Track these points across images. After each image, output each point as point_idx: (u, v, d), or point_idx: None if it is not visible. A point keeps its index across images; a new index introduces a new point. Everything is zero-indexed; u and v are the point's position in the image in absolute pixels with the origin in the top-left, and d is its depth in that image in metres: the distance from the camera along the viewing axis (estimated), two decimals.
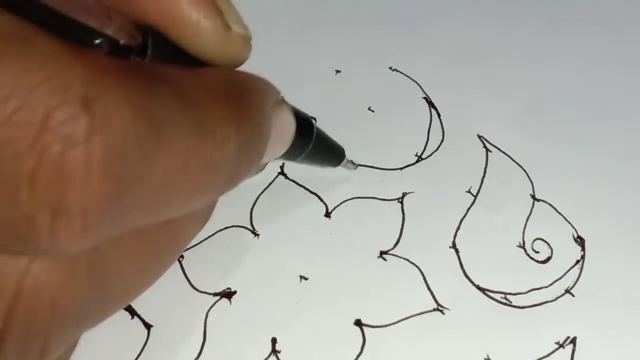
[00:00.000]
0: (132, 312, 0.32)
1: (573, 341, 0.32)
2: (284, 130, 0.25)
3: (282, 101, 0.24)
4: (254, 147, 0.19)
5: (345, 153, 0.36)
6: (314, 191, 0.37)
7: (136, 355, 0.31)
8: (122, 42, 0.15)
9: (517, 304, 0.33)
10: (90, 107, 0.13)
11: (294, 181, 0.37)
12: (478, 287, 0.34)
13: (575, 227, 0.36)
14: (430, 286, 0.34)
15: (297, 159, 0.30)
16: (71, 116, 0.12)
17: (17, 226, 0.13)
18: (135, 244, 0.17)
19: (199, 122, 0.15)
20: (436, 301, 0.33)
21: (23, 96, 0.12)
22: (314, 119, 0.30)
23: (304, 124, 0.28)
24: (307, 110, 0.40)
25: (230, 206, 0.36)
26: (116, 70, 0.13)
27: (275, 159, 0.27)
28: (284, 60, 0.42)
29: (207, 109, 0.16)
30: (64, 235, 0.13)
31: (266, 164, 0.29)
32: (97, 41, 0.14)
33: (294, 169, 0.38)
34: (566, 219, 0.36)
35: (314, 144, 0.29)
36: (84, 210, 0.13)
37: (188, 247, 0.34)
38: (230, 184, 0.18)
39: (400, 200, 0.37)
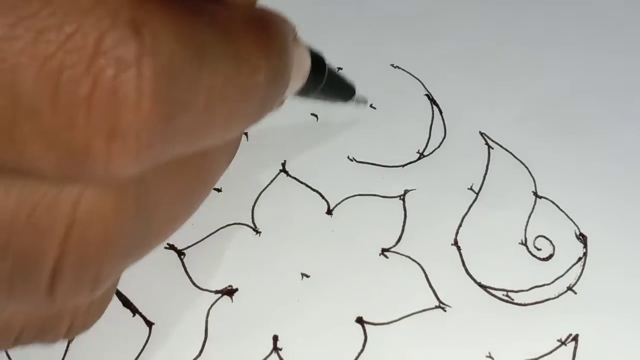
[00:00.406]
0: (134, 310, 0.32)
1: (575, 338, 0.32)
2: (301, 64, 0.26)
3: (298, 37, 0.24)
4: (281, 77, 0.19)
5: (355, 95, 0.36)
6: (316, 188, 0.37)
7: (138, 352, 0.31)
8: None
9: (519, 302, 0.33)
10: (139, 30, 0.13)
11: (295, 178, 0.37)
12: (480, 285, 0.34)
13: (578, 225, 0.36)
14: (432, 283, 0.34)
15: (311, 94, 0.30)
16: (121, 39, 0.13)
17: (75, 149, 0.13)
18: (175, 175, 0.17)
19: (234, 51, 0.16)
20: (438, 298, 0.33)
21: (75, 22, 0.12)
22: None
23: (317, 60, 0.29)
24: (310, 107, 0.40)
25: (232, 204, 0.36)
26: None
27: (293, 94, 0.28)
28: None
29: (240, 39, 0.16)
30: (119, 158, 0.14)
31: (286, 99, 0.29)
32: None
33: (296, 166, 0.38)
34: (568, 216, 0.36)
35: (326, 79, 0.30)
36: (138, 132, 0.13)
37: (189, 244, 0.34)
38: (259, 113, 0.19)
39: (402, 197, 0.37)
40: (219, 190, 0.36)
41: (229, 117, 0.17)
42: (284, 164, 0.38)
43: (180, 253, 0.34)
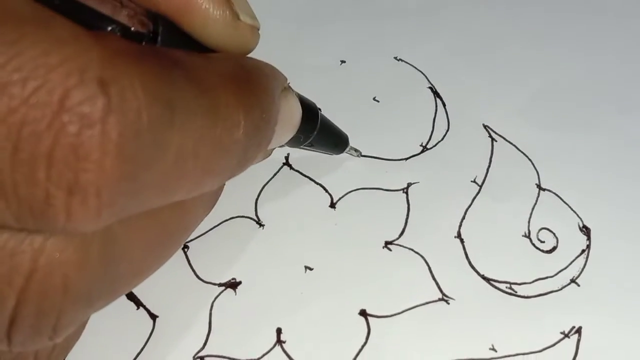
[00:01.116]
0: (138, 303, 0.32)
1: (578, 331, 0.32)
2: (291, 116, 0.25)
3: (289, 88, 0.24)
4: (262, 132, 0.19)
5: (349, 140, 0.36)
6: (319, 182, 0.37)
7: (142, 345, 0.31)
8: (133, 29, 0.15)
9: (522, 294, 0.33)
10: (107, 88, 0.13)
11: (299, 172, 0.37)
12: (483, 277, 0.34)
13: (581, 217, 0.36)
14: (435, 276, 0.34)
15: (302, 145, 0.30)
16: (88, 97, 0.13)
17: (35, 204, 0.13)
18: (145, 226, 0.17)
19: (210, 106, 0.16)
20: (441, 291, 0.33)
21: (41, 77, 0.12)
22: (319, 108, 0.31)
23: (309, 111, 0.28)
24: (313, 100, 0.40)
25: (235, 197, 0.36)
26: (131, 53, 0.14)
27: (282, 145, 0.28)
28: (290, 51, 0.42)
29: (217, 94, 0.16)
30: (79, 214, 0.14)
31: (273, 149, 0.29)
32: (109, 28, 0.14)
33: (299, 159, 0.38)
34: (572, 209, 0.36)
35: (318, 131, 0.30)
36: (99, 189, 0.13)
37: (193, 237, 0.35)
38: (238, 168, 0.19)
39: (405, 190, 0.37)
40: None
41: (203, 171, 0.17)
42: (287, 158, 0.38)
43: (184, 246, 0.34)
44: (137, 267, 0.18)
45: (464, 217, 0.36)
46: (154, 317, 0.32)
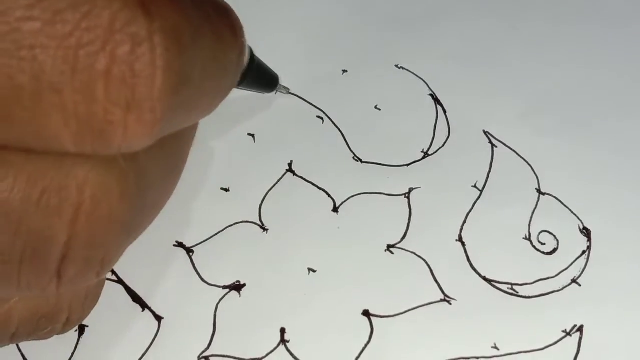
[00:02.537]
0: (143, 305, 0.33)
1: (580, 329, 0.32)
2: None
3: None
4: (243, 54, 0.20)
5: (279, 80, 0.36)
6: (322, 187, 0.37)
7: (147, 346, 0.32)
8: None
9: (523, 294, 0.34)
10: (148, 9, 0.14)
11: (302, 177, 0.38)
12: (484, 278, 0.34)
13: (581, 219, 0.36)
14: (437, 278, 0.34)
15: (243, 83, 0.31)
16: (133, 18, 0.14)
17: (95, 122, 0.14)
18: (159, 155, 0.18)
19: (216, 33, 0.17)
20: (443, 292, 0.34)
21: (89, 3, 0.13)
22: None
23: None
24: (316, 110, 0.40)
25: (240, 202, 0.36)
26: None
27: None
28: (292, 61, 0.43)
29: (217, 20, 0.17)
30: (136, 129, 0.14)
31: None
32: None
33: (302, 166, 0.38)
34: (572, 212, 0.36)
35: (255, 67, 0.31)
36: (153, 103, 0.14)
37: (198, 242, 0.35)
38: (229, 89, 0.20)
39: (406, 195, 0.37)
40: (227, 190, 0.37)
41: (214, 90, 0.18)
42: (290, 164, 0.38)
43: (189, 250, 0.35)
44: (157, 197, 0.19)
45: (465, 221, 0.36)
46: (159, 318, 0.33)
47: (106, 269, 0.17)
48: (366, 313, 0.33)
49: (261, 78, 0.34)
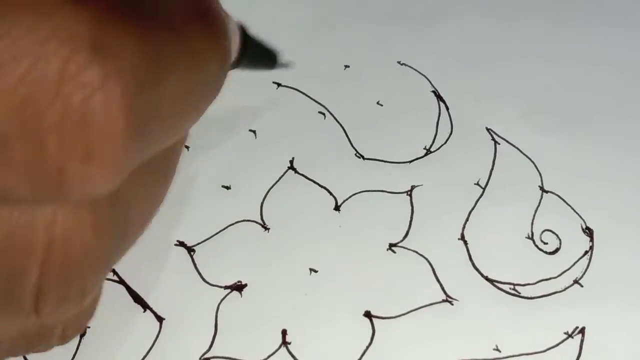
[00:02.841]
0: (145, 306, 0.33)
1: (582, 331, 0.32)
2: (233, 37, 0.26)
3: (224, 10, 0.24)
4: (226, 60, 0.19)
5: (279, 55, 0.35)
6: (323, 185, 0.37)
7: (148, 347, 0.32)
8: None
9: (525, 295, 0.33)
10: (101, 52, 0.13)
11: (303, 175, 0.38)
12: (487, 278, 0.34)
13: (584, 218, 0.36)
14: (439, 278, 0.34)
15: (241, 65, 0.30)
16: (85, 64, 0.13)
17: (49, 175, 0.13)
18: (142, 173, 0.17)
19: (187, 49, 0.16)
20: (445, 292, 0.33)
21: (34, 52, 0.12)
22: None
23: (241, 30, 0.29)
24: (317, 105, 0.40)
25: (241, 201, 0.36)
26: (116, 12, 0.14)
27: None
28: (294, 57, 0.42)
29: (190, 35, 0.17)
30: (96, 179, 0.14)
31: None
32: None
33: (304, 163, 0.38)
34: (575, 210, 0.36)
35: (252, 47, 0.30)
36: (113, 152, 0.14)
37: (199, 241, 0.35)
38: (214, 95, 0.19)
39: (409, 193, 0.37)
40: (228, 188, 0.37)
41: (194, 109, 0.17)
42: (291, 162, 0.38)
43: (190, 250, 0.35)
44: (140, 217, 0.19)
45: (467, 220, 0.36)
46: (160, 319, 0.32)
47: (87, 297, 0.17)
48: (368, 314, 0.33)
49: (259, 58, 0.34)
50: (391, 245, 0.35)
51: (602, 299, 0.33)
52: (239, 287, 0.33)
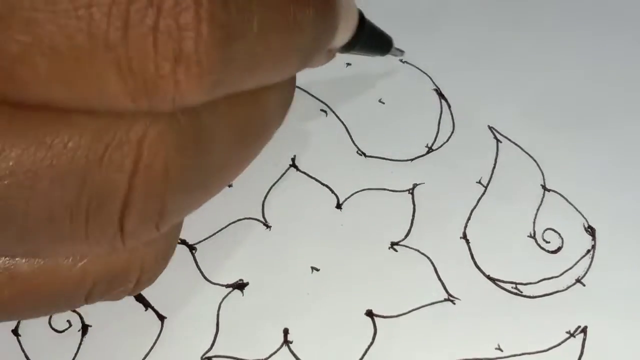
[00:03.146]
0: (146, 304, 0.33)
1: (584, 330, 0.32)
2: (350, 16, 0.27)
3: None
4: (328, 19, 0.20)
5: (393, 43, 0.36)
6: (325, 183, 0.37)
7: (150, 346, 0.32)
8: None
9: (527, 294, 0.33)
10: None
11: (305, 173, 0.38)
12: (489, 277, 0.34)
13: (586, 217, 0.36)
14: (441, 276, 0.34)
15: (355, 48, 0.30)
16: None
17: (148, 77, 0.14)
18: (228, 115, 0.18)
19: None
20: (447, 291, 0.33)
21: None
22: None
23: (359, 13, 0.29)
24: (319, 103, 0.40)
25: (242, 199, 0.36)
26: None
27: (339, 48, 0.28)
28: None
29: None
30: (185, 81, 0.15)
31: (336, 51, 0.30)
32: None
33: (306, 161, 0.38)
34: (577, 209, 0.36)
35: (368, 32, 0.30)
36: (199, 56, 0.14)
37: (200, 239, 0.35)
38: (310, 51, 0.19)
39: (410, 191, 0.37)
40: (229, 185, 0.37)
41: (282, 48, 0.17)
42: (293, 159, 0.38)
43: (192, 248, 0.35)
44: (225, 158, 0.19)
45: (469, 218, 0.36)
46: (162, 318, 0.33)
47: (165, 222, 0.18)
48: (369, 313, 0.33)
49: (374, 42, 0.34)
50: (393, 244, 0.35)
51: (604, 298, 0.33)
52: (240, 286, 0.33)
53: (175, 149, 0.16)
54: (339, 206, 0.36)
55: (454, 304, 0.33)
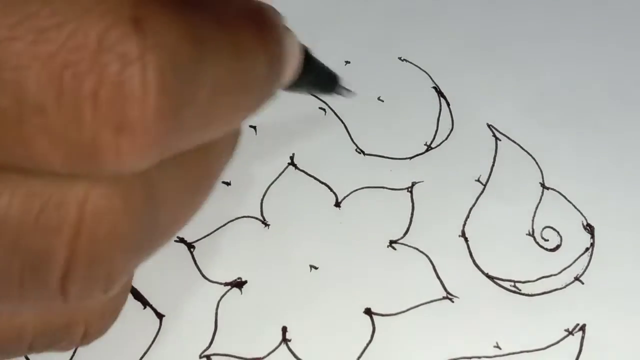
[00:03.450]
0: (145, 302, 0.33)
1: (582, 328, 0.32)
2: (293, 55, 0.26)
3: (287, 28, 0.25)
4: (277, 68, 0.19)
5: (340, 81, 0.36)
6: (324, 181, 0.37)
7: (148, 344, 0.32)
8: None
9: (526, 292, 0.33)
10: (141, 26, 0.13)
11: (304, 171, 0.37)
12: (487, 276, 0.34)
13: (585, 215, 0.36)
14: (440, 275, 0.34)
15: (300, 86, 0.30)
16: (124, 36, 0.13)
17: (83, 145, 0.14)
18: (178, 171, 0.18)
19: (234, 42, 0.16)
20: (445, 289, 0.33)
21: (76, 20, 0.13)
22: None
23: (303, 51, 0.29)
24: (318, 101, 0.40)
25: (241, 197, 0.36)
26: None
27: (284, 87, 0.28)
28: None
29: (238, 30, 0.17)
30: (128, 152, 0.14)
31: (278, 92, 0.30)
32: None
33: (304, 159, 0.38)
34: (575, 207, 0.36)
35: (314, 70, 0.30)
36: (146, 125, 0.14)
37: (199, 237, 0.35)
38: (259, 104, 0.19)
39: (409, 189, 0.37)
40: (228, 183, 0.37)
41: (231, 109, 0.17)
42: (292, 157, 0.38)
43: (190, 246, 0.35)
44: (176, 213, 0.19)
45: (468, 216, 0.36)
46: (160, 316, 0.32)
47: (113, 286, 0.17)
48: (368, 311, 0.33)
49: (320, 83, 0.34)
50: (392, 242, 0.35)
51: (602, 296, 0.33)
52: (239, 284, 0.33)
53: (122, 212, 0.15)
54: (337, 204, 0.36)
55: (453, 302, 0.33)
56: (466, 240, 0.35)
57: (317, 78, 0.32)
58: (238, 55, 0.16)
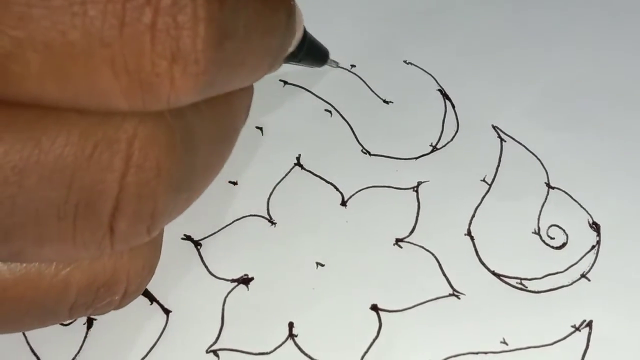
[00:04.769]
0: (152, 298, 0.33)
1: (589, 324, 0.32)
2: (299, 22, 0.27)
3: None
4: (291, 22, 0.20)
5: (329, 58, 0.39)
6: (330, 181, 0.37)
7: (155, 339, 0.32)
8: None
9: (532, 289, 0.33)
10: None
11: (310, 171, 0.38)
12: (493, 273, 0.34)
13: (591, 213, 0.36)
14: (446, 272, 0.34)
15: (295, 58, 0.31)
16: None
17: (143, 75, 0.14)
18: (208, 119, 0.18)
19: None
20: (452, 286, 0.33)
21: None
22: None
23: None
24: (324, 103, 0.40)
25: (248, 196, 0.36)
26: None
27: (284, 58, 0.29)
28: None
29: None
30: (181, 80, 0.15)
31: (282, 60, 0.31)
32: None
33: (310, 160, 0.38)
34: (581, 206, 0.36)
35: (308, 42, 0.31)
36: (197, 54, 0.15)
37: (206, 235, 0.35)
38: (278, 54, 0.20)
39: (415, 189, 0.37)
40: (235, 183, 0.37)
41: (260, 50, 0.18)
42: (298, 158, 0.38)
43: (197, 244, 0.35)
44: (206, 161, 0.19)
45: (473, 215, 0.36)
46: (167, 312, 0.33)
47: (156, 225, 0.18)
48: (374, 307, 0.33)
49: (313, 53, 0.36)
50: (398, 240, 0.35)
51: (609, 292, 0.33)
52: (245, 281, 0.34)
53: (166, 149, 0.16)
54: (343, 203, 0.37)
55: (459, 298, 0.33)
56: (472, 238, 0.35)
57: (312, 49, 0.33)
58: (263, 1, 0.17)
